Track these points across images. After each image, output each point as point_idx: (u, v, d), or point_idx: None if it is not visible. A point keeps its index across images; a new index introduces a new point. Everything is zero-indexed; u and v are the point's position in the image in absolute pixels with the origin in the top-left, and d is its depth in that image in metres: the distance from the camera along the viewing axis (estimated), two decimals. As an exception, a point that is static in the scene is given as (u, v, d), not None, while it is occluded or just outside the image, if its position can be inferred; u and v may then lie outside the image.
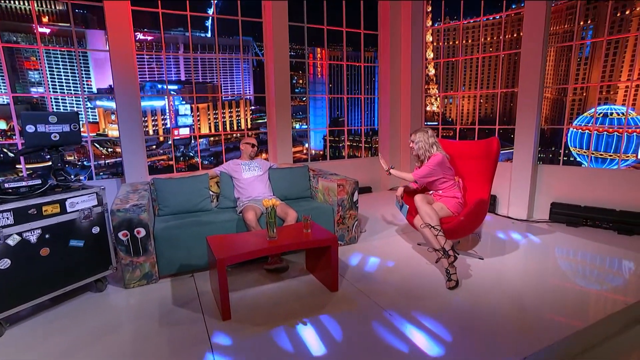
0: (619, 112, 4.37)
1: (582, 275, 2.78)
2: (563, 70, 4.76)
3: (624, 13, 4.18)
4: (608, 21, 3.90)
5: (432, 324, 2.09)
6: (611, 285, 2.57)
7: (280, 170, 3.63)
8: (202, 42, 4.87)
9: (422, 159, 3.04)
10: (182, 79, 4.87)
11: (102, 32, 4.12)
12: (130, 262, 2.59)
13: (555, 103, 4.95)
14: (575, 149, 4.85)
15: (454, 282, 2.48)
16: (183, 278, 2.80)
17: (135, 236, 2.56)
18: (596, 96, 4.41)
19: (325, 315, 2.23)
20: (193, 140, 4.96)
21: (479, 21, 5.20)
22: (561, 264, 3.00)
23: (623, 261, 2.99)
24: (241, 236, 2.57)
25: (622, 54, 4.29)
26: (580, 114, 4.70)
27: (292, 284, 2.68)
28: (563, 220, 4.19)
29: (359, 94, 5.94)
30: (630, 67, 4.26)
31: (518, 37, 5.14)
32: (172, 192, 3.14)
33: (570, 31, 4.62)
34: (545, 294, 2.43)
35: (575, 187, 4.20)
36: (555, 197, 4.33)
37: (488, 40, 5.21)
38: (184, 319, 2.22)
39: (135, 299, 2.49)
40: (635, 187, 3.80)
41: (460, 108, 5.77)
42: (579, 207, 4.13)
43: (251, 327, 2.12)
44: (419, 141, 2.98)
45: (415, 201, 2.78)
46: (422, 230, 2.68)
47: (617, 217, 3.86)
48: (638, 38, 3.87)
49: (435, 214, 2.69)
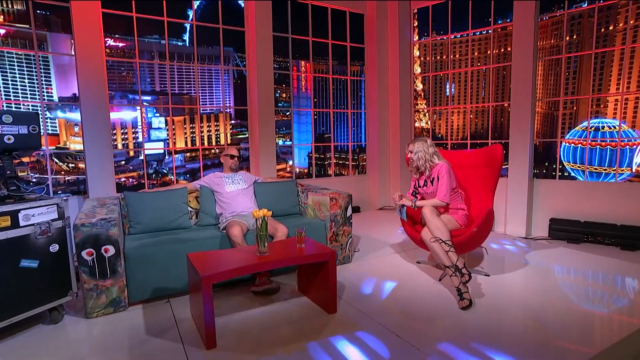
0: (610, 126, 4.58)
1: (599, 295, 2.75)
2: (552, 84, 4.99)
3: (608, 29, 4.47)
4: (595, 33, 4.14)
5: (447, 347, 1.97)
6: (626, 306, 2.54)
7: (267, 185, 3.51)
8: (178, 51, 4.81)
9: (422, 170, 3.00)
10: (156, 89, 4.74)
11: (68, 36, 3.99)
12: (94, 287, 2.35)
13: (546, 117, 5.14)
14: (569, 164, 5.00)
15: (467, 302, 2.38)
16: (157, 304, 2.57)
17: (103, 255, 2.34)
18: (587, 110, 4.61)
19: (326, 339, 2.06)
20: (167, 155, 4.78)
21: (465, 36, 5.44)
22: (571, 282, 2.97)
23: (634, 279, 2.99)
24: (227, 252, 2.40)
25: (609, 67, 4.55)
26: (571, 128, 4.89)
27: (283, 307, 2.50)
28: (563, 237, 4.23)
29: (345, 109, 5.99)
30: (618, 81, 4.52)
31: (505, 52, 5.40)
32: (145, 207, 2.94)
33: (556, 46, 4.90)
34: (567, 315, 2.37)
35: (573, 202, 4.28)
36: (554, 212, 4.40)
37: (475, 55, 5.43)
38: (160, 350, 2.00)
39: (99, 329, 2.24)
40: (634, 200, 3.91)
41: (450, 123, 5.90)
42: (578, 222, 4.19)
43: (240, 355, 1.92)
44: (418, 151, 2.95)
45: (424, 213, 2.70)
46: (431, 245, 2.60)
47: (620, 232, 3.93)
48: (625, 52, 4.13)
49: (446, 228, 2.62)
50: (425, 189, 2.96)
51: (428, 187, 2.94)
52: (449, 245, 2.54)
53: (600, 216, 4.10)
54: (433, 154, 2.93)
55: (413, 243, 3.97)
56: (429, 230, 2.66)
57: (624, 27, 4.32)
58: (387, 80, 5.82)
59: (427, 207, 2.73)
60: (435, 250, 2.57)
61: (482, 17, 5.34)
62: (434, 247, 2.58)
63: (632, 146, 4.40)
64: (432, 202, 2.82)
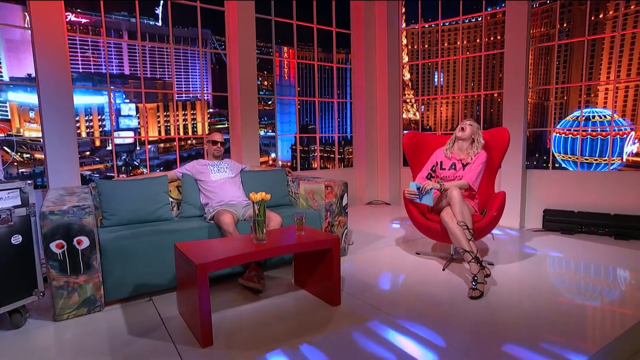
0: (601, 115, 4.76)
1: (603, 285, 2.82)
2: (542, 73, 5.15)
3: (598, 17, 4.66)
4: (587, 20, 4.30)
5: (465, 337, 1.94)
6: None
7: (254, 174, 3.39)
8: (150, 31, 4.59)
9: (462, 149, 3.01)
10: (125, 72, 4.51)
11: (20, 7, 3.71)
12: (65, 284, 2.15)
13: (537, 107, 5.29)
14: (559, 155, 5.17)
15: (479, 292, 2.37)
16: (138, 303, 2.39)
17: (75, 248, 2.15)
18: (577, 100, 4.78)
19: (332, 332, 1.97)
20: (139, 146, 4.54)
21: (454, 23, 5.52)
22: (574, 271, 3.03)
23: (626, 270, 3.05)
24: (221, 241, 2.27)
25: (599, 56, 4.74)
26: (562, 119, 5.05)
27: (281, 301, 2.39)
28: (557, 228, 4.34)
29: (331, 98, 5.93)
30: (608, 70, 4.71)
31: (495, 40, 5.52)
32: (120, 197, 2.74)
33: (547, 34, 5.06)
34: (579, 303, 2.40)
35: (567, 192, 4.40)
36: (547, 203, 4.51)
37: (465, 43, 5.51)
38: (147, 351, 1.84)
39: (72, 332, 2.05)
40: (626, 189, 4.07)
41: (439, 115, 5.97)
42: (572, 212, 4.31)
43: (241, 352, 1.80)
44: (477, 131, 3.00)
45: (453, 196, 2.65)
46: (455, 228, 2.57)
47: (613, 222, 4.07)
48: (615, 40, 4.30)
49: (470, 216, 2.65)
50: (452, 172, 2.97)
51: (457, 171, 2.96)
52: (471, 234, 2.54)
53: (593, 206, 4.24)
54: (481, 143, 2.98)
55: (410, 235, 3.96)
56: (453, 213, 2.63)
57: (614, 14, 4.51)
58: (375, 69, 5.81)
59: (456, 189, 2.70)
60: (458, 235, 2.55)
61: (471, 5, 5.44)
62: (457, 231, 2.56)
63: (622, 135, 4.60)
64: (459, 183, 2.85)
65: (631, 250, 3.44)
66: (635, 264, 3.06)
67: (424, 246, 3.55)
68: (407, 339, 1.90)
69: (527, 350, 1.77)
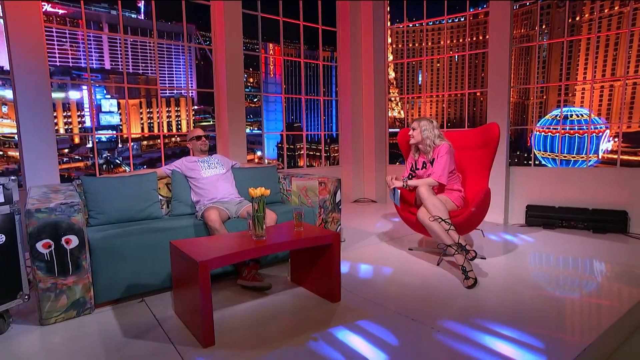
0: (578, 114, 4.93)
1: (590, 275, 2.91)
2: (522, 73, 5.30)
3: (575, 19, 4.83)
4: (567, 22, 4.45)
5: (464, 327, 1.95)
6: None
7: (245, 170, 3.32)
8: (133, 24, 4.44)
9: (423, 149, 3.00)
10: (106, 67, 4.34)
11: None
12: (52, 286, 2.04)
13: (517, 106, 5.44)
14: (539, 152, 5.33)
15: (472, 280, 2.40)
16: (130, 304, 2.30)
17: (64, 247, 2.04)
18: (556, 99, 4.94)
19: (337, 327, 1.95)
20: (120, 143, 4.38)
21: (437, 23, 5.61)
22: (562, 264, 3.13)
23: (602, 263, 3.15)
24: (218, 238, 2.21)
25: (576, 57, 4.92)
26: (541, 117, 5.21)
27: (279, 298, 2.35)
28: (539, 223, 4.47)
29: (317, 96, 5.90)
30: (585, 70, 4.90)
31: (477, 41, 5.64)
32: (108, 195, 2.63)
33: (526, 35, 5.21)
34: (571, 292, 2.47)
35: (548, 188, 4.55)
36: (530, 199, 4.64)
37: (447, 43, 5.61)
38: (145, 353, 1.76)
39: (61, 337, 1.94)
40: (603, 185, 4.24)
41: (424, 113, 6.05)
42: (553, 208, 4.46)
43: (245, 351, 1.75)
44: (424, 129, 2.94)
45: (420, 192, 2.68)
46: (430, 225, 2.58)
47: (591, 216, 4.24)
48: (591, 41, 4.48)
49: (444, 206, 2.62)
50: (424, 172, 2.96)
51: (427, 169, 2.94)
52: (448, 223, 2.55)
53: (573, 201, 4.40)
54: (438, 136, 2.94)
55: (400, 231, 3.98)
56: (426, 210, 2.65)
57: (590, 17, 4.69)
58: (361, 67, 5.83)
59: (423, 185, 2.72)
60: (435, 230, 2.56)
61: (454, 6, 5.54)
62: (433, 226, 2.57)
63: (598, 133, 4.78)
64: (425, 181, 2.83)
65: (609, 242, 3.59)
66: (612, 256, 3.18)
67: (414, 242, 3.57)
68: (410, 332, 1.90)
69: (515, 332, 1.80)
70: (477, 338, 1.84)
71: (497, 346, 1.77)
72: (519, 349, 1.73)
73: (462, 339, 1.84)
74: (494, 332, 1.89)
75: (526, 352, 1.71)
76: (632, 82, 4.45)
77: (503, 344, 1.79)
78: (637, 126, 4.57)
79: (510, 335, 1.86)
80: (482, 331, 1.90)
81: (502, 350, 1.73)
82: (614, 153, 4.65)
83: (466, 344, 1.79)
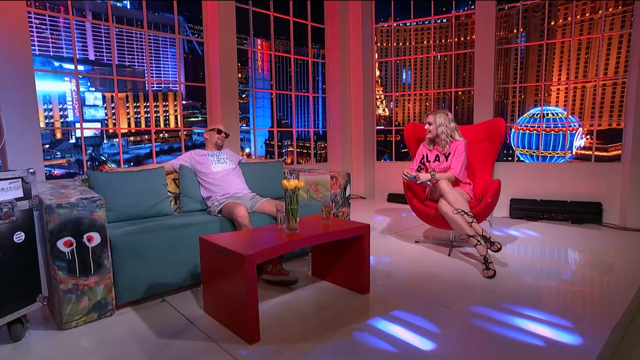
0: (554, 113, 5.27)
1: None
2: (502, 74, 5.57)
3: (550, 24, 5.15)
4: (546, 25, 4.74)
5: (495, 313, 2.04)
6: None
7: (251, 165, 3.26)
8: (118, 13, 4.21)
9: (439, 143, 3.08)
10: (90, 57, 4.09)
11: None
12: (74, 287, 1.90)
13: (497, 105, 5.71)
14: (518, 149, 5.64)
15: (492, 272, 2.50)
16: (151, 304, 2.19)
17: (85, 245, 1.91)
18: (533, 98, 5.25)
19: (375, 318, 1.97)
20: (106, 139, 4.15)
21: (421, 23, 5.78)
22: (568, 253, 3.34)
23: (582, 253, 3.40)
24: (251, 233, 2.15)
25: (551, 59, 5.25)
26: (520, 116, 5.51)
27: (306, 293, 2.33)
28: (522, 215, 4.73)
29: (306, 92, 5.88)
30: (560, 71, 5.24)
31: (460, 41, 5.86)
32: (117, 191, 2.49)
33: (505, 38, 5.49)
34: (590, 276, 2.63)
35: (529, 182, 4.82)
36: (513, 193, 4.89)
37: (431, 43, 5.79)
38: (191, 352, 1.69)
39: (88, 340, 1.81)
40: (579, 179, 4.56)
41: (407, 111, 6.20)
42: (535, 201, 4.73)
43: (295, 344, 1.73)
44: (440, 124, 3.03)
45: (442, 187, 2.75)
46: (454, 217, 2.66)
47: (570, 208, 4.54)
48: (564, 45, 4.81)
49: (465, 200, 2.73)
50: (437, 164, 3.05)
51: (441, 162, 3.03)
52: (471, 216, 2.65)
53: (553, 194, 4.69)
54: (454, 129, 3.05)
55: (401, 225, 4.06)
56: (448, 203, 2.73)
57: (564, 22, 5.02)
58: (349, 64, 5.87)
59: (444, 181, 2.80)
60: (458, 222, 2.65)
61: (439, 7, 5.73)
62: (456, 218, 2.65)
63: (572, 131, 5.14)
64: (446, 175, 2.92)
65: (587, 230, 3.88)
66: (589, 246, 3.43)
67: (417, 236, 3.66)
68: (449, 320, 1.95)
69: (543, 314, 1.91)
70: (510, 321, 1.93)
71: (532, 327, 1.86)
72: (553, 330, 1.83)
73: (497, 322, 1.92)
74: (523, 314, 1.99)
75: (560, 331, 1.81)
76: (602, 84, 4.82)
77: (536, 325, 1.88)
78: (606, 124, 4.95)
79: (539, 317, 1.96)
80: (513, 314, 1.99)
81: (537, 331, 1.82)
82: (586, 149, 5.01)
83: (502, 326, 1.87)
